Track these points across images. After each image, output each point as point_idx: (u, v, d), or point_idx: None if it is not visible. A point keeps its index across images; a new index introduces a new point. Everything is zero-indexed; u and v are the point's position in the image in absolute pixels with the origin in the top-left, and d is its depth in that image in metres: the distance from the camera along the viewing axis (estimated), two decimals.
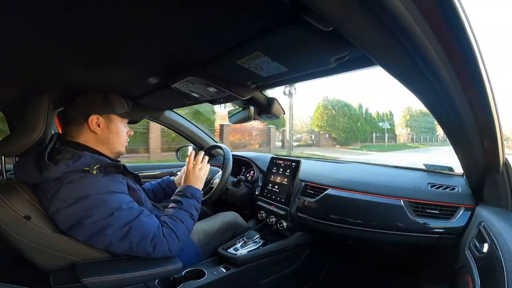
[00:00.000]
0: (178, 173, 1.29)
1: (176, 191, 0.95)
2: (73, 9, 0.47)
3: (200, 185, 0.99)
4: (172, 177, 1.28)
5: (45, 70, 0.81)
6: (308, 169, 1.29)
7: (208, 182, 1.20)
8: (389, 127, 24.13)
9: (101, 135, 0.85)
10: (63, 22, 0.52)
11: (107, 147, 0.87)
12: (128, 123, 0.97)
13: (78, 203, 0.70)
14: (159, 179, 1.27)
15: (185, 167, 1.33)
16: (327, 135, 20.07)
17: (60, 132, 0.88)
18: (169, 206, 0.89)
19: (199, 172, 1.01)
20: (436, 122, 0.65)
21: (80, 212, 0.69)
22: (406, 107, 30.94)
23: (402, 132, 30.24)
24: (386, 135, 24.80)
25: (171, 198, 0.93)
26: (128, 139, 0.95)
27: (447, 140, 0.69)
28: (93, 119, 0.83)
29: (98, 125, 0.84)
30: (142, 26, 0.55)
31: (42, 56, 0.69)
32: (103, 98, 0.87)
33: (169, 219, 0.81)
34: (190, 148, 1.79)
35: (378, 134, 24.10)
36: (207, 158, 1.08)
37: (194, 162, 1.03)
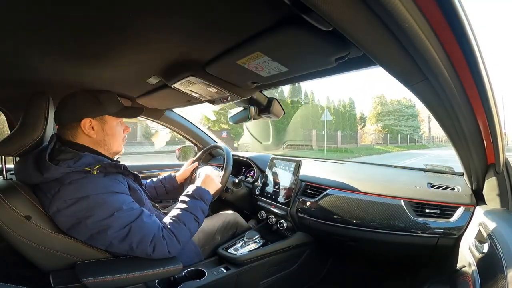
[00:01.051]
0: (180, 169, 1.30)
1: (185, 191, 0.93)
2: (73, 9, 0.47)
3: (212, 187, 0.98)
4: (173, 174, 1.29)
5: (45, 69, 0.81)
6: (309, 169, 1.29)
7: None
8: (330, 119, 15.78)
9: (97, 137, 0.83)
10: (64, 22, 0.52)
11: (104, 148, 0.85)
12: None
13: (78, 203, 0.69)
14: (161, 176, 1.28)
15: (186, 164, 1.34)
16: (224, 133, 13.57)
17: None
18: (175, 207, 0.88)
19: (214, 175, 1.03)
20: (419, 119, 0.65)
21: (80, 212, 0.69)
22: (378, 95, 21.70)
23: (371, 130, 21.68)
24: (337, 134, 15.63)
25: (179, 198, 0.91)
26: (126, 137, 0.93)
27: (433, 141, 0.69)
28: (86, 122, 0.80)
29: (92, 128, 0.81)
30: (143, 26, 0.55)
31: (42, 56, 0.69)
32: (93, 99, 0.83)
33: (171, 221, 0.80)
34: (191, 148, 1.80)
35: (323, 132, 15.79)
36: None
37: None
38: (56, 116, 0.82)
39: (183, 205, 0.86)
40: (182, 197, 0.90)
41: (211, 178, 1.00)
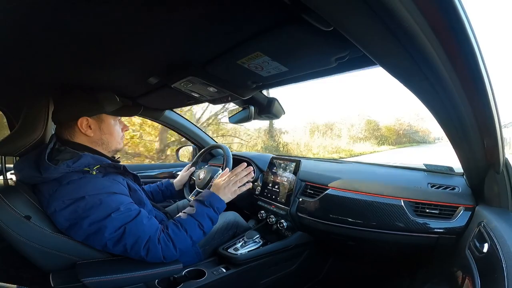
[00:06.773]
0: (179, 173, 1.29)
1: (199, 194, 0.91)
2: (73, 9, 0.47)
3: (226, 196, 0.93)
4: (171, 180, 1.28)
5: (46, 70, 0.81)
6: (308, 169, 1.29)
7: (208, 181, 1.20)
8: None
9: (94, 136, 0.82)
10: (64, 22, 0.52)
11: (102, 147, 0.85)
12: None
13: (76, 204, 0.69)
14: (159, 182, 1.27)
15: (184, 169, 1.33)
16: None
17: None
18: (183, 210, 0.86)
19: (233, 185, 0.95)
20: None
21: (77, 212, 0.69)
22: None
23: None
24: None
25: (189, 203, 0.89)
26: (124, 135, 0.93)
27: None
28: (83, 121, 0.80)
29: (89, 127, 0.81)
30: (142, 26, 0.55)
31: (43, 56, 0.69)
32: (90, 98, 0.83)
33: (173, 225, 0.78)
34: (191, 148, 1.79)
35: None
36: (250, 168, 1.03)
37: (235, 174, 0.98)
38: (54, 115, 0.82)
39: (190, 210, 0.84)
40: (192, 201, 0.88)
41: (226, 185, 0.94)
